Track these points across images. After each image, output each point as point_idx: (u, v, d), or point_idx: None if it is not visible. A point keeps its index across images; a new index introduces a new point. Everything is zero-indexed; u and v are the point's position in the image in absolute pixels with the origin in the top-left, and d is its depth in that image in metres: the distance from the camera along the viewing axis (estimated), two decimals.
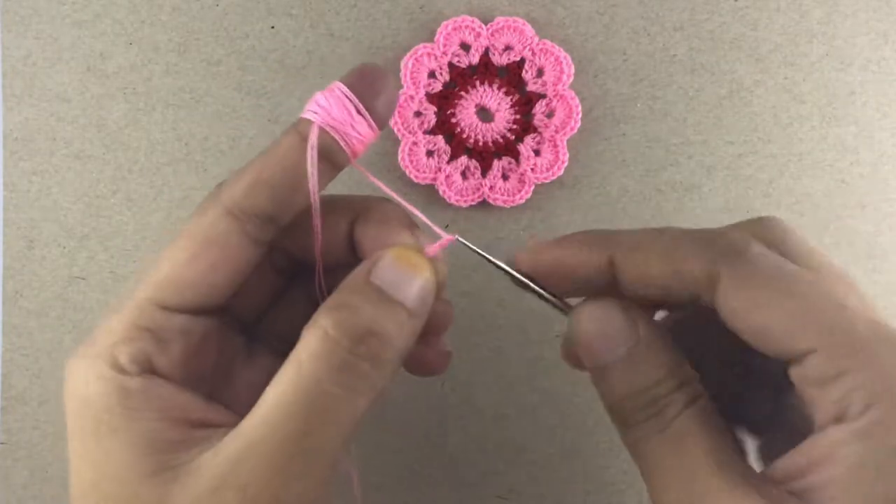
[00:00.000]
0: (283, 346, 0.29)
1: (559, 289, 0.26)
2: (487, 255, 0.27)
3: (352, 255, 0.28)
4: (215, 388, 0.26)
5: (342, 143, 0.25)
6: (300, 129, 0.25)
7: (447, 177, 0.39)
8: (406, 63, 0.38)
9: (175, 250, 0.25)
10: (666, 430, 0.23)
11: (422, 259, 0.25)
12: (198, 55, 0.39)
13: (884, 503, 0.20)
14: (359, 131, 0.25)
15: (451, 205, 0.39)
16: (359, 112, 0.25)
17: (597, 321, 0.25)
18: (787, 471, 0.22)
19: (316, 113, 0.25)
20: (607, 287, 0.25)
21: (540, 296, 0.26)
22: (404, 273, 0.24)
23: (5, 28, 0.39)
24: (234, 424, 0.23)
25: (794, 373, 0.22)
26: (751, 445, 0.28)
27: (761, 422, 0.28)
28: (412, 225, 0.27)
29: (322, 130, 0.25)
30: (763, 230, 0.25)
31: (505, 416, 0.40)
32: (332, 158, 0.25)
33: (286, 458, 0.22)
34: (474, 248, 0.27)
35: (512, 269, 0.26)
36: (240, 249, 0.25)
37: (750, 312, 0.22)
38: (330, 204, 0.27)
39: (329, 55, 0.39)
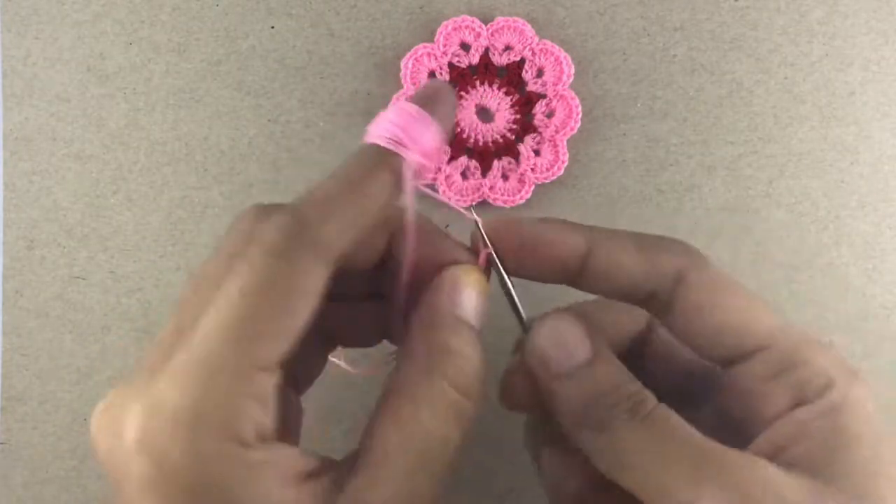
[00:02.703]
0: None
1: (532, 268, 0.27)
2: (493, 253, 0.27)
3: (378, 265, 0.28)
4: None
5: (421, 172, 0.25)
6: (389, 163, 0.24)
7: (447, 177, 0.39)
8: (406, 63, 0.38)
9: (264, 302, 0.22)
10: (647, 418, 0.24)
11: (482, 276, 0.26)
12: (198, 55, 0.39)
13: (866, 463, 0.22)
14: (436, 160, 0.25)
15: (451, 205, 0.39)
16: (438, 135, 0.25)
17: (557, 331, 0.26)
18: (762, 451, 0.23)
19: (406, 147, 0.23)
20: (573, 277, 0.26)
21: (511, 304, 0.28)
22: (482, 304, 0.26)
23: (5, 28, 0.39)
24: (328, 468, 0.23)
25: (740, 371, 0.25)
26: None
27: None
28: (450, 236, 0.28)
29: (409, 169, 0.24)
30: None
31: (505, 416, 0.40)
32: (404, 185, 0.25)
33: (418, 501, 0.23)
34: (488, 241, 0.28)
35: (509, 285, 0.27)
36: (324, 293, 0.23)
37: (711, 310, 0.25)
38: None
39: (329, 55, 0.39)
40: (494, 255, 0.27)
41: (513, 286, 0.27)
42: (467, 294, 0.26)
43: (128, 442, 0.21)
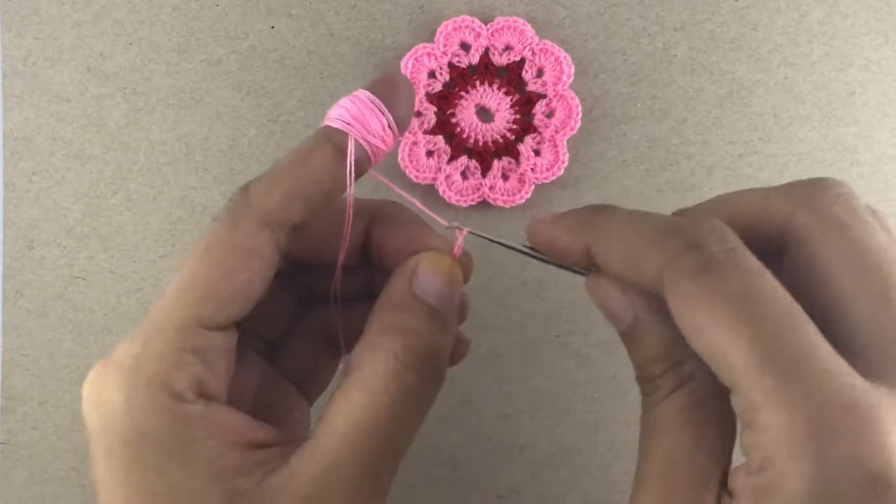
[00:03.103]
0: (265, 348, 0.29)
1: (564, 263, 0.26)
2: (502, 241, 0.27)
3: (361, 258, 0.28)
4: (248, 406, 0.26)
5: (370, 153, 0.25)
6: (333, 139, 0.25)
7: (447, 177, 0.39)
8: (406, 63, 0.38)
9: (208, 264, 0.24)
10: (649, 413, 0.23)
11: (455, 265, 0.26)
12: (198, 55, 0.39)
13: None
14: (387, 143, 0.25)
15: (451, 205, 0.39)
16: (390, 126, 0.25)
17: (601, 294, 0.25)
18: (731, 487, 0.22)
19: (348, 124, 0.25)
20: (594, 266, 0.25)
21: (558, 265, 0.26)
22: (444, 284, 0.25)
23: (5, 28, 0.39)
24: (282, 443, 0.24)
25: (731, 400, 0.21)
26: None
27: None
28: (430, 226, 0.28)
29: (352, 140, 0.25)
30: (796, 202, 0.23)
31: (505, 416, 0.40)
32: (358, 167, 0.25)
33: (366, 479, 0.23)
34: (487, 236, 0.28)
35: (523, 247, 0.27)
36: (272, 261, 0.25)
37: (686, 330, 0.21)
38: (341, 204, 0.27)
39: (329, 55, 0.39)
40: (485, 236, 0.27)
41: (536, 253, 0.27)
42: (426, 275, 0.25)
43: (83, 399, 0.23)
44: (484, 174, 0.39)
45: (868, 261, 0.22)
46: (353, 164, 0.24)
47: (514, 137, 0.39)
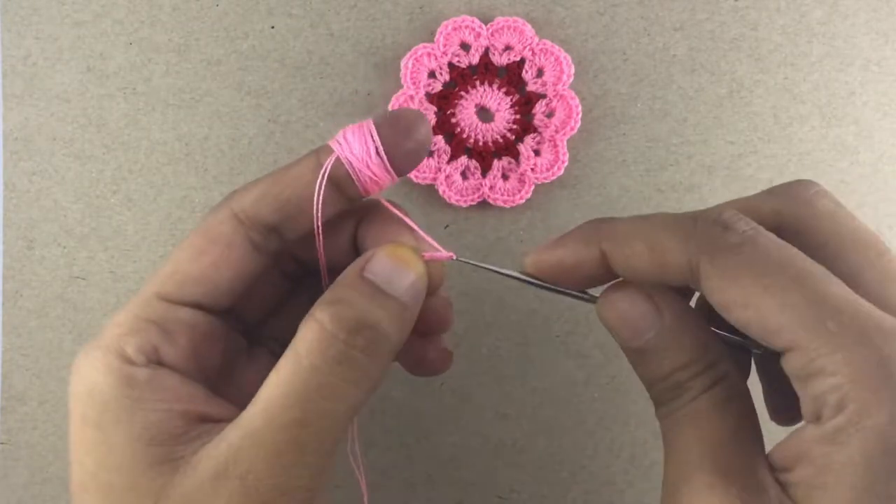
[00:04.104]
0: (283, 349, 0.29)
1: (573, 286, 0.26)
2: (499, 270, 0.27)
3: (353, 255, 0.28)
4: (218, 387, 0.27)
5: (355, 179, 0.26)
6: (320, 154, 0.26)
7: (447, 177, 0.39)
8: (406, 63, 0.38)
9: (181, 248, 0.26)
10: (677, 413, 0.24)
11: (413, 255, 0.26)
12: (198, 55, 0.39)
13: None
14: (374, 172, 0.26)
15: (451, 205, 0.39)
16: (378, 154, 0.25)
17: (619, 309, 0.25)
18: (776, 463, 0.22)
19: (340, 144, 0.25)
20: (609, 279, 0.26)
21: (561, 292, 0.27)
22: (396, 268, 0.25)
23: (5, 28, 0.39)
24: (232, 418, 0.24)
25: (783, 365, 0.22)
26: None
27: None
28: (412, 229, 0.28)
29: (339, 161, 0.25)
30: (783, 201, 0.25)
31: (505, 416, 0.40)
32: (344, 190, 0.26)
33: (285, 446, 0.23)
34: (476, 263, 0.28)
35: (520, 274, 0.27)
36: (243, 253, 0.26)
37: (729, 307, 0.22)
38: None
39: (329, 55, 0.39)
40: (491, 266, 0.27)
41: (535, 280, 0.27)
42: (379, 259, 0.25)
43: (73, 379, 0.25)
44: (484, 174, 0.39)
45: (862, 239, 0.24)
46: (325, 176, 0.25)
47: (514, 137, 0.39)
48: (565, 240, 0.26)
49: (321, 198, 0.25)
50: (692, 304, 0.27)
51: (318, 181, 0.25)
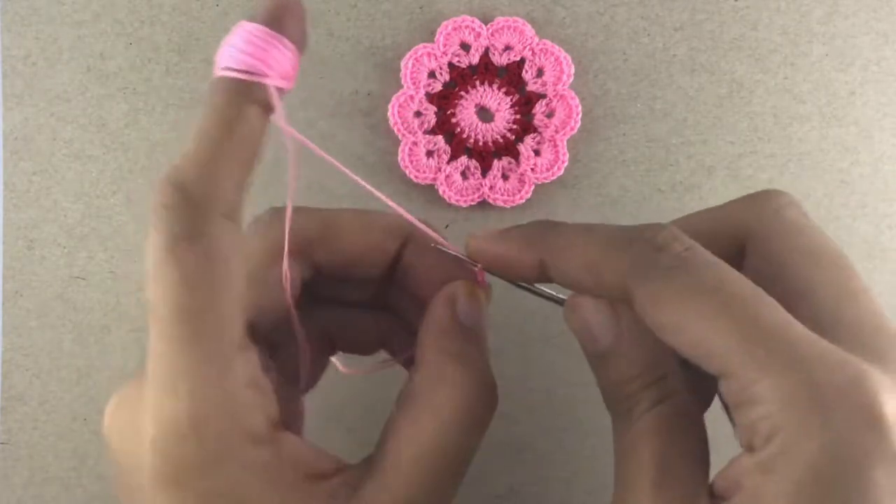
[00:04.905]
0: (272, 350, 0.29)
1: (514, 279, 0.27)
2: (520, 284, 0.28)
3: (385, 272, 0.28)
4: None
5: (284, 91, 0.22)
6: (252, 97, 0.22)
7: (447, 177, 0.39)
8: (406, 63, 0.38)
9: (202, 290, 0.21)
10: (629, 429, 0.24)
11: (479, 290, 0.27)
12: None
13: None
14: (293, 75, 0.22)
15: (451, 205, 0.39)
16: (294, 54, 0.22)
17: (582, 314, 0.25)
18: (717, 491, 0.22)
19: (256, 73, 0.21)
20: (546, 281, 0.26)
21: (534, 292, 0.27)
22: (479, 311, 0.26)
23: (5, 28, 0.39)
24: (334, 470, 0.24)
25: (720, 391, 0.21)
26: None
27: None
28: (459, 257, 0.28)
29: (275, 92, 0.21)
30: (745, 209, 0.25)
31: (505, 416, 0.40)
32: (270, 110, 0.23)
33: None
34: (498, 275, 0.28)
35: (531, 286, 0.27)
36: (242, 248, 0.23)
37: (663, 331, 0.22)
38: (377, 221, 0.28)
39: (329, 55, 0.39)
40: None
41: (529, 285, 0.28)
42: (466, 303, 0.26)
43: (142, 440, 0.21)
44: (484, 174, 0.39)
45: (826, 255, 0.24)
46: (283, 116, 0.22)
47: (514, 137, 0.39)
48: (509, 237, 0.26)
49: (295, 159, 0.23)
50: None
51: (290, 145, 0.23)
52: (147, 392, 0.21)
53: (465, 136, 0.39)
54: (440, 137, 0.39)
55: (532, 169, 0.39)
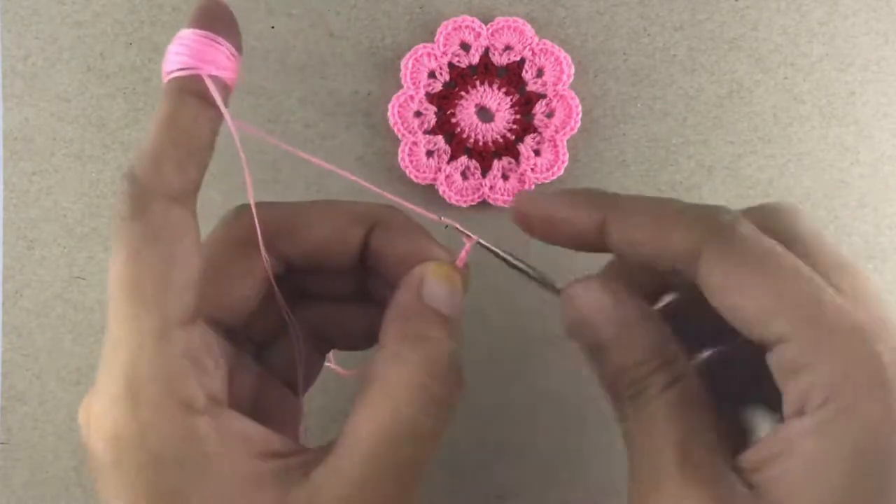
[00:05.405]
0: (260, 351, 0.29)
1: (558, 241, 0.26)
2: (508, 257, 0.28)
3: (358, 261, 0.28)
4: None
5: (225, 85, 0.25)
6: (189, 90, 0.23)
7: (447, 177, 0.39)
8: (406, 63, 0.38)
9: (146, 264, 0.22)
10: (642, 411, 0.23)
11: (457, 274, 0.26)
12: None
13: (834, 499, 0.20)
14: (233, 69, 0.25)
15: (451, 205, 0.39)
16: (229, 50, 0.24)
17: (581, 304, 0.25)
18: (750, 462, 0.22)
19: (197, 66, 0.23)
20: (599, 248, 0.25)
21: (531, 277, 0.27)
22: (450, 292, 0.25)
23: (5, 28, 0.39)
24: (297, 452, 0.23)
25: (769, 359, 0.22)
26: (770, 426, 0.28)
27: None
28: (430, 235, 0.28)
29: (201, 78, 0.23)
30: (765, 217, 0.25)
31: (505, 416, 0.40)
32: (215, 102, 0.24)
33: (396, 492, 0.23)
34: (494, 249, 0.28)
35: (528, 267, 0.27)
36: (196, 231, 0.24)
37: (727, 292, 0.22)
38: (342, 209, 0.27)
39: (329, 55, 0.39)
40: (484, 243, 0.28)
41: (523, 264, 0.27)
42: (434, 284, 0.25)
43: (86, 430, 0.22)
44: (484, 174, 0.39)
45: (779, 283, 0.22)
46: (222, 102, 0.24)
47: (514, 137, 0.39)
48: (570, 195, 0.26)
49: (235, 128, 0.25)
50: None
51: (226, 116, 0.24)
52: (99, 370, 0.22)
53: (465, 136, 0.39)
54: (440, 137, 0.39)
55: (532, 169, 0.39)
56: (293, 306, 0.30)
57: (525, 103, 0.39)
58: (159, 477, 0.21)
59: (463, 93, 0.39)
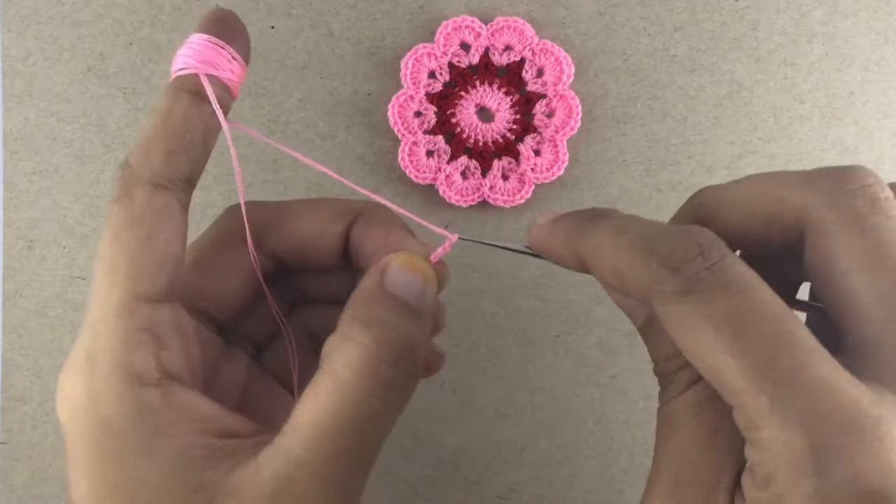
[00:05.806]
0: (256, 348, 0.29)
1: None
2: (495, 243, 0.27)
3: (343, 259, 0.28)
4: (205, 392, 0.26)
5: (224, 87, 0.25)
6: (186, 87, 0.24)
7: (447, 177, 0.39)
8: (406, 63, 0.38)
9: (123, 242, 0.23)
10: (666, 406, 0.23)
11: (425, 262, 0.26)
12: None
13: None
14: (234, 72, 0.26)
15: (451, 205, 0.39)
16: (231, 54, 0.25)
17: (614, 294, 0.25)
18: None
19: (197, 67, 0.25)
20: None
21: (521, 252, 0.27)
22: (416, 280, 0.25)
23: (5, 28, 0.39)
24: (253, 434, 0.23)
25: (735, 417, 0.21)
26: None
27: None
28: (410, 230, 0.28)
29: (205, 79, 0.25)
30: (815, 197, 0.22)
31: (505, 416, 0.40)
32: (220, 103, 0.25)
33: (338, 475, 0.22)
34: (479, 240, 0.28)
35: (516, 246, 0.27)
36: (180, 218, 0.25)
37: (678, 345, 0.21)
38: (325, 205, 0.28)
39: (329, 55, 0.39)
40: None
41: (509, 245, 0.27)
42: (397, 272, 0.25)
43: (57, 401, 0.24)
44: (484, 174, 0.39)
45: (886, 264, 0.21)
46: (215, 100, 0.25)
47: (514, 137, 0.39)
48: (557, 229, 0.25)
49: (225, 122, 0.25)
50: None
51: (217, 110, 0.25)
52: None
53: (465, 136, 0.39)
54: (440, 137, 0.39)
55: (532, 169, 0.39)
56: (291, 309, 0.30)
57: (525, 103, 0.39)
58: (107, 443, 0.22)
59: (463, 93, 0.39)
